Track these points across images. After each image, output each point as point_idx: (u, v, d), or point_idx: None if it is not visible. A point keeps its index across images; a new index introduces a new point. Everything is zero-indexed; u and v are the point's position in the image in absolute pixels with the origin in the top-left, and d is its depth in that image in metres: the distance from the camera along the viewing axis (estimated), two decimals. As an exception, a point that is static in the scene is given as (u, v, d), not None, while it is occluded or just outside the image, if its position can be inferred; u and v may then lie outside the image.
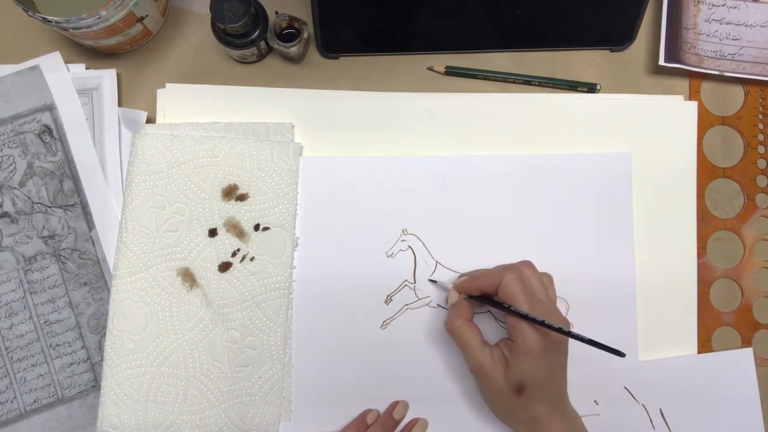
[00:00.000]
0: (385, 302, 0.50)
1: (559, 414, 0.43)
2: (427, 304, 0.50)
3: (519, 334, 0.42)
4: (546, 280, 0.47)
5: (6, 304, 0.49)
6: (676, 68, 0.52)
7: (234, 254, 0.49)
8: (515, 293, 0.42)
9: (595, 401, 0.50)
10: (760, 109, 0.54)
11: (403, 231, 0.50)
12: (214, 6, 0.46)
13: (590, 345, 0.40)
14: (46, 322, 0.49)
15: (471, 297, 0.47)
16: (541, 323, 0.41)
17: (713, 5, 0.52)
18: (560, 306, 0.49)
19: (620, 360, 0.42)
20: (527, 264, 0.46)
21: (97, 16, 0.44)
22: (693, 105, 0.53)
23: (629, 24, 0.53)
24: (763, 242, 0.53)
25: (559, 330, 0.41)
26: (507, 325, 0.44)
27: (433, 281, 0.50)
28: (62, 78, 0.50)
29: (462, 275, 0.49)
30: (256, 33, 0.49)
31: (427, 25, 0.52)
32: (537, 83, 0.53)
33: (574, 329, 0.44)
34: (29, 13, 0.44)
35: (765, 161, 0.54)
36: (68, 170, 0.50)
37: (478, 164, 0.51)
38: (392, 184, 0.51)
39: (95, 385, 0.49)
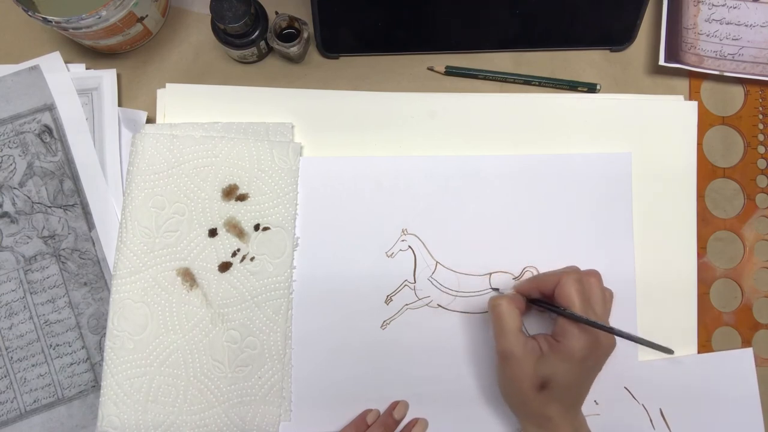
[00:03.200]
0: (385, 302, 0.50)
1: (570, 418, 0.43)
2: (427, 304, 0.50)
3: (567, 335, 0.42)
4: (608, 294, 0.46)
5: (6, 304, 0.49)
6: (676, 68, 0.52)
7: (234, 254, 0.49)
8: (571, 295, 0.42)
9: (595, 401, 0.50)
10: (760, 109, 0.54)
11: (403, 231, 0.50)
12: (214, 6, 0.46)
13: (642, 344, 0.42)
14: (46, 322, 0.49)
15: (528, 301, 0.46)
16: (594, 324, 0.41)
17: (713, 5, 0.52)
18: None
19: (620, 360, 0.42)
20: (593, 272, 0.45)
21: (97, 16, 0.44)
22: (693, 105, 0.53)
23: (629, 24, 0.53)
24: (763, 242, 0.53)
25: (611, 330, 0.41)
26: (556, 324, 0.43)
27: (496, 289, 0.50)
28: (62, 78, 0.50)
29: (525, 280, 0.48)
30: (256, 33, 0.49)
31: (427, 25, 0.52)
32: (537, 83, 0.53)
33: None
34: (29, 13, 0.44)
35: (765, 161, 0.54)
36: (68, 170, 0.50)
37: (478, 164, 0.51)
38: (392, 184, 0.51)
39: (95, 385, 0.49)
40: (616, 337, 0.42)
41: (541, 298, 0.45)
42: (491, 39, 0.53)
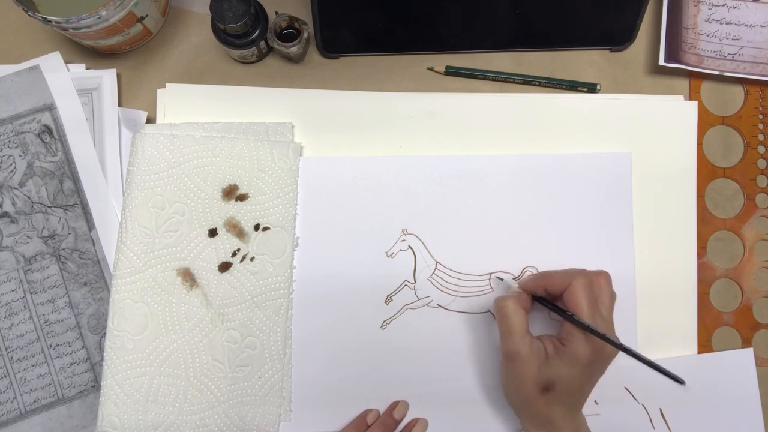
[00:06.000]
0: (385, 302, 0.50)
1: (571, 420, 0.43)
2: (427, 304, 0.50)
3: (573, 340, 0.41)
4: (614, 295, 0.45)
5: (6, 304, 0.49)
6: (676, 68, 0.52)
7: (234, 254, 0.49)
8: (580, 301, 0.41)
9: (595, 401, 0.50)
10: (760, 109, 0.54)
11: (403, 231, 0.50)
12: (214, 6, 0.46)
13: (651, 367, 0.40)
14: (46, 322, 0.49)
15: (534, 298, 0.46)
16: (603, 337, 0.40)
17: (713, 5, 0.52)
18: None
19: (620, 360, 0.42)
20: (603, 274, 0.44)
21: (97, 16, 0.44)
22: (693, 105, 0.53)
23: (629, 24, 0.53)
24: (763, 242, 0.53)
25: (621, 347, 0.40)
26: (562, 327, 0.43)
27: (500, 278, 0.50)
28: (62, 78, 0.50)
29: (530, 275, 0.48)
30: (256, 33, 0.49)
31: (427, 25, 0.52)
32: (537, 83, 0.53)
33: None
34: (29, 13, 0.44)
35: (765, 161, 0.54)
36: (68, 170, 0.50)
37: (478, 164, 0.51)
38: (392, 184, 0.51)
39: (95, 385, 0.49)
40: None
41: (546, 297, 0.45)
42: (491, 39, 0.53)
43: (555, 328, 0.45)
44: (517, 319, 0.43)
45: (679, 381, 0.39)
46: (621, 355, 0.42)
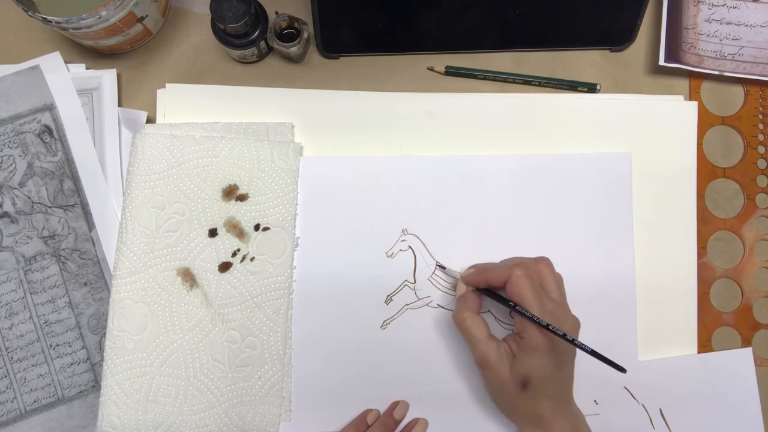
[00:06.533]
0: (385, 302, 0.50)
1: (563, 412, 0.43)
2: (427, 304, 0.50)
3: (527, 331, 0.42)
4: (559, 277, 0.46)
5: (6, 304, 0.49)
6: (676, 68, 0.52)
7: (234, 254, 0.49)
8: (523, 291, 0.42)
9: (595, 401, 0.50)
10: (760, 109, 0.54)
11: (403, 231, 0.50)
12: (214, 6, 0.46)
13: (593, 356, 0.40)
14: (46, 322, 0.49)
15: (478, 290, 0.46)
16: (546, 327, 0.41)
17: (713, 5, 0.52)
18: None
19: (620, 360, 0.42)
20: (543, 260, 0.45)
21: (97, 16, 0.44)
22: (693, 105, 0.53)
23: (629, 24, 0.53)
24: (763, 242, 0.53)
25: (563, 336, 0.40)
26: (515, 320, 0.44)
27: (442, 267, 0.50)
28: (62, 78, 0.50)
29: (471, 267, 0.48)
30: (256, 33, 0.49)
31: (427, 25, 0.52)
32: (537, 83, 0.53)
33: (574, 329, 0.44)
34: (29, 13, 0.44)
35: (765, 161, 0.54)
36: (68, 170, 0.50)
37: (478, 164, 0.51)
38: (392, 184, 0.51)
39: (95, 385, 0.49)
40: (580, 323, 0.44)
41: (492, 290, 0.45)
42: (491, 39, 0.53)
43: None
44: (478, 329, 0.44)
45: (621, 369, 0.39)
46: (619, 354, 0.42)
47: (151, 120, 0.51)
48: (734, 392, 0.51)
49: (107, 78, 0.51)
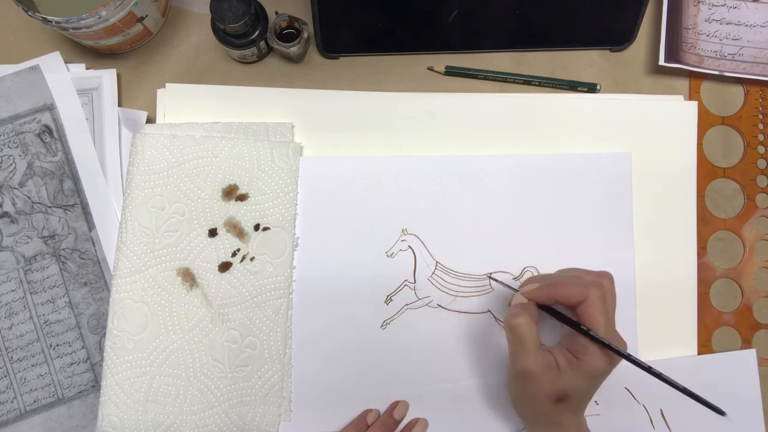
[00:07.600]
0: (385, 302, 0.50)
1: (576, 420, 0.43)
2: (427, 304, 0.50)
3: (588, 354, 0.40)
4: (615, 295, 0.44)
5: (6, 304, 0.49)
6: (676, 68, 0.52)
7: (234, 254, 0.49)
8: (597, 316, 0.40)
9: (595, 401, 0.50)
10: (760, 109, 0.54)
11: (403, 231, 0.50)
12: (214, 6, 0.46)
13: (688, 396, 0.39)
14: (46, 322, 0.49)
15: (538, 305, 0.43)
16: (627, 357, 0.39)
17: (713, 5, 0.52)
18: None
19: (620, 360, 0.42)
20: (608, 276, 0.43)
21: (97, 16, 0.44)
22: (693, 105, 0.53)
23: (629, 24, 0.53)
24: (763, 242, 0.53)
25: (648, 370, 0.39)
26: (575, 339, 0.41)
27: (494, 278, 0.49)
28: (62, 78, 0.50)
29: (531, 280, 0.45)
30: (256, 33, 0.49)
31: (426, 25, 0.52)
32: (537, 83, 0.53)
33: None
34: (29, 13, 0.44)
35: (765, 161, 0.54)
36: (68, 170, 0.50)
37: (478, 164, 0.51)
38: (392, 184, 0.51)
39: (95, 385, 0.49)
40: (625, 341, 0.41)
41: (555, 308, 0.43)
42: (491, 39, 0.53)
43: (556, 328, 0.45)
44: (531, 337, 0.41)
45: (720, 412, 0.37)
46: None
47: (151, 120, 0.51)
48: (736, 393, 0.51)
49: (107, 78, 0.51)
